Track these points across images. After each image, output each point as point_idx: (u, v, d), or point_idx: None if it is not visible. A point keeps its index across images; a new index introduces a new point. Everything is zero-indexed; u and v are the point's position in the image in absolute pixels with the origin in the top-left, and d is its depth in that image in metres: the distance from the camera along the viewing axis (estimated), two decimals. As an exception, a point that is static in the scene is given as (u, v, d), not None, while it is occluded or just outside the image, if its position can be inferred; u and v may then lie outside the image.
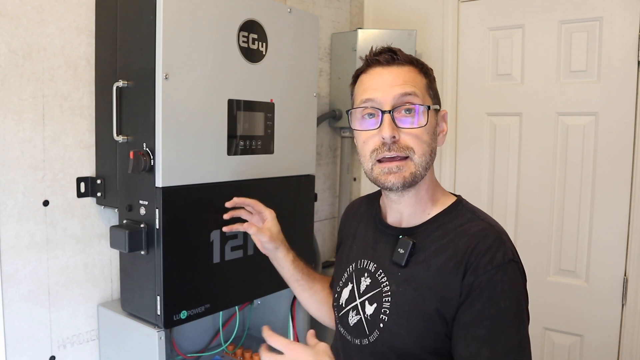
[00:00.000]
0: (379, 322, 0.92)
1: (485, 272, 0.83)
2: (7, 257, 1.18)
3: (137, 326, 1.23)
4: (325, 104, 2.09)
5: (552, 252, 1.90)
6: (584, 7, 1.78)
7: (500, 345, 0.81)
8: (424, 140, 0.90)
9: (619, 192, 1.76)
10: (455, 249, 0.87)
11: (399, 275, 0.92)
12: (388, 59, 0.91)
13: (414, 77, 0.92)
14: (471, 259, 0.85)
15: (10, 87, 1.16)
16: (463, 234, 0.88)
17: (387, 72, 0.91)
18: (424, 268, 0.89)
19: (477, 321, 0.82)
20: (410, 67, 0.92)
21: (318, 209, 2.06)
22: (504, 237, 0.88)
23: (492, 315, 0.82)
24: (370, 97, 0.90)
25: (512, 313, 0.82)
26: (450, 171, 2.09)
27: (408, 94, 0.89)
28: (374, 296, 0.95)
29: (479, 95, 2.02)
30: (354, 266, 1.02)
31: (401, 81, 0.90)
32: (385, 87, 0.89)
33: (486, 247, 0.85)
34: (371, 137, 0.90)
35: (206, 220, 1.27)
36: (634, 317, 1.75)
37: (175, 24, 1.15)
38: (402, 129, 0.88)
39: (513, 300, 0.83)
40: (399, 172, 0.88)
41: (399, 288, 0.91)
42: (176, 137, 1.17)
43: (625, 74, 1.72)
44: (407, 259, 0.91)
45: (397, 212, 0.97)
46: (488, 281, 0.83)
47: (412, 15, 2.14)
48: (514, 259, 0.86)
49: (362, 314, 0.96)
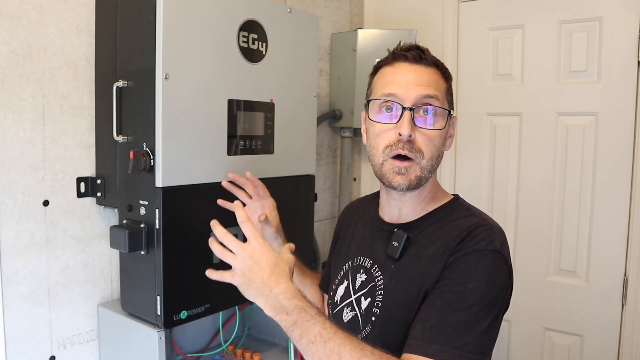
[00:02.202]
0: (372, 316, 0.92)
1: (465, 253, 0.83)
2: (7, 257, 1.18)
3: (137, 326, 1.24)
4: (325, 104, 2.09)
5: (552, 252, 1.90)
6: (584, 7, 1.78)
7: (452, 319, 0.79)
8: (435, 144, 0.90)
9: (619, 192, 1.76)
10: (446, 239, 0.88)
11: (392, 268, 0.92)
12: (416, 56, 0.91)
13: (437, 80, 0.92)
14: (458, 245, 0.85)
15: (10, 87, 1.16)
16: (456, 227, 0.89)
17: (412, 69, 0.91)
18: (416, 259, 0.90)
19: (439, 292, 0.82)
20: (435, 69, 0.92)
21: (318, 209, 2.06)
22: (495, 230, 0.88)
23: (456, 292, 0.81)
24: (393, 92, 0.90)
25: (477, 297, 0.80)
26: (450, 171, 2.09)
27: (430, 97, 0.89)
28: (368, 291, 0.95)
29: (479, 95, 2.02)
30: (350, 264, 1.02)
31: (425, 82, 0.90)
32: (409, 84, 0.89)
33: (474, 235, 0.85)
34: (386, 131, 0.90)
35: (206, 220, 1.26)
36: (634, 317, 1.75)
37: (175, 24, 1.15)
38: (420, 128, 0.89)
39: (483, 287, 0.81)
40: (407, 174, 0.89)
41: (390, 280, 0.92)
42: (176, 137, 1.17)
43: (625, 74, 1.72)
44: (401, 252, 0.91)
45: (396, 209, 0.98)
46: (464, 261, 0.83)
47: (412, 15, 2.14)
48: (500, 251, 0.84)
49: (357, 309, 0.96)
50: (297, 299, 0.80)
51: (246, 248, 0.84)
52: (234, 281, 0.84)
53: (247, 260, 0.83)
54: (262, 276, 0.82)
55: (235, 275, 0.84)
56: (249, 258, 0.83)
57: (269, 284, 0.81)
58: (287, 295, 0.80)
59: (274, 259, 0.84)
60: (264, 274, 0.82)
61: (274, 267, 0.83)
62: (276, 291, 0.81)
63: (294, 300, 0.80)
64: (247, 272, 0.83)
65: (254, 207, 1.20)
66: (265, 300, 0.81)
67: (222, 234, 0.86)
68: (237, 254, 0.84)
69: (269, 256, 0.84)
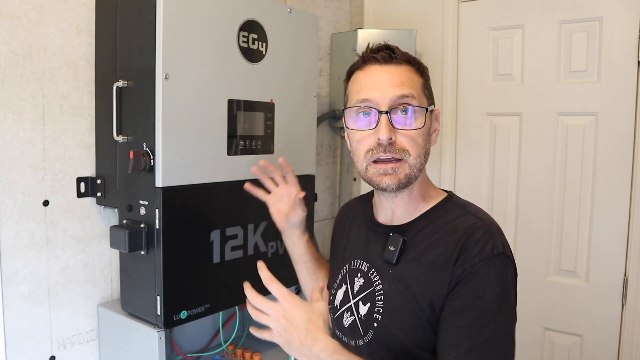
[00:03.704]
0: (373, 322, 0.92)
1: (472, 264, 0.82)
2: (7, 257, 1.18)
3: (137, 326, 1.24)
4: (325, 104, 2.09)
5: (552, 252, 1.90)
6: (584, 7, 1.78)
7: (482, 337, 0.79)
8: (419, 142, 0.89)
9: (619, 192, 1.76)
10: (445, 245, 0.87)
11: (390, 273, 0.92)
12: (385, 57, 0.89)
13: (411, 77, 0.90)
14: (461, 252, 0.84)
15: (10, 87, 1.16)
16: (453, 230, 0.88)
17: (384, 70, 0.89)
18: (415, 265, 0.89)
19: (460, 312, 0.81)
20: (407, 66, 0.91)
21: (318, 209, 2.06)
22: (494, 230, 0.87)
23: (476, 307, 0.81)
24: (367, 97, 0.88)
25: (496, 306, 0.81)
26: (450, 171, 2.09)
27: (405, 96, 0.88)
28: (367, 296, 0.94)
29: (479, 95, 2.02)
30: (348, 267, 1.02)
31: (398, 82, 0.88)
32: (382, 86, 0.88)
33: (475, 240, 0.84)
34: (366, 137, 0.89)
35: (206, 220, 1.27)
36: (634, 317, 1.75)
37: (175, 24, 1.15)
38: (399, 130, 0.87)
39: (499, 294, 0.82)
40: (394, 174, 0.88)
41: (390, 286, 0.91)
42: (176, 137, 1.17)
43: (625, 74, 1.72)
44: (398, 256, 0.90)
45: (389, 210, 0.97)
46: (475, 273, 0.82)
47: (412, 15, 2.13)
48: (504, 252, 0.84)
49: (355, 314, 0.96)
50: (337, 354, 0.80)
51: (277, 308, 0.82)
52: (274, 340, 0.83)
53: (281, 322, 0.82)
54: (298, 337, 0.81)
55: (273, 335, 0.83)
56: (282, 319, 0.82)
57: (307, 344, 0.80)
58: (327, 352, 0.79)
59: (306, 314, 0.82)
60: (299, 334, 0.81)
61: (309, 323, 0.81)
62: (316, 350, 0.80)
63: (335, 356, 0.79)
64: (283, 332, 0.82)
65: (280, 195, 1.15)
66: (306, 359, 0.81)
67: (251, 296, 0.85)
68: (270, 315, 0.83)
69: (301, 314, 0.82)
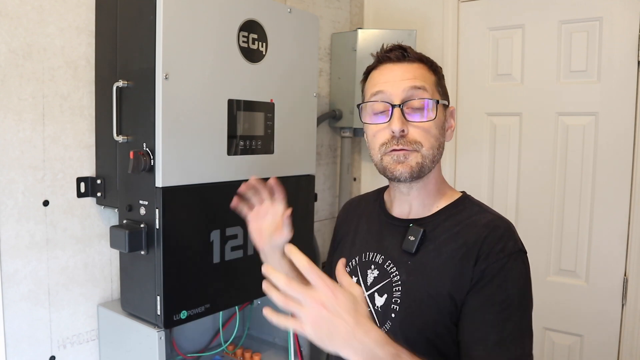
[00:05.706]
0: (391, 313, 0.93)
1: (497, 259, 0.86)
2: (7, 257, 1.18)
3: (137, 326, 1.24)
4: (325, 104, 2.09)
5: (552, 252, 1.90)
6: (584, 7, 1.78)
7: (508, 330, 0.83)
8: (432, 134, 0.91)
9: (619, 192, 1.76)
10: (465, 238, 0.89)
11: (409, 264, 0.93)
12: (399, 55, 0.94)
13: (424, 73, 0.94)
14: (483, 247, 0.87)
15: (10, 87, 1.16)
16: (473, 225, 0.91)
17: (397, 67, 0.94)
18: (435, 256, 0.91)
19: (486, 306, 0.84)
20: (420, 64, 0.95)
21: (318, 209, 2.06)
22: (512, 228, 0.92)
23: (501, 301, 0.84)
24: (380, 89, 0.92)
25: (518, 300, 0.85)
26: (451, 171, 2.09)
27: (417, 88, 0.91)
28: (383, 287, 0.95)
29: (479, 95, 2.02)
30: (358, 259, 1.02)
31: (411, 76, 0.92)
32: (395, 80, 0.92)
33: (498, 236, 0.88)
34: (381, 131, 0.92)
35: (206, 220, 1.27)
36: (634, 317, 1.75)
37: (175, 24, 1.15)
38: (412, 122, 0.91)
39: (521, 289, 0.86)
40: (406, 162, 0.90)
41: (409, 277, 0.92)
42: (176, 137, 1.17)
43: (625, 74, 1.72)
44: (418, 246, 0.92)
45: (406, 204, 0.99)
46: (500, 268, 0.85)
47: (412, 15, 2.14)
48: (523, 249, 0.90)
49: (371, 306, 0.96)
50: (389, 346, 0.73)
51: (316, 296, 0.71)
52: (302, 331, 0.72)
53: (321, 311, 0.70)
54: (346, 328, 0.70)
55: (305, 326, 0.71)
56: (322, 308, 0.70)
57: (357, 336, 0.71)
58: (380, 343, 0.71)
59: (351, 303, 0.72)
60: (347, 325, 0.71)
61: (356, 313, 0.72)
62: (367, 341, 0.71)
63: (387, 347, 0.72)
64: (322, 323, 0.71)
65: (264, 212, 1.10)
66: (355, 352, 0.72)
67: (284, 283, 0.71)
68: (306, 304, 0.71)
69: (346, 303, 0.71)
